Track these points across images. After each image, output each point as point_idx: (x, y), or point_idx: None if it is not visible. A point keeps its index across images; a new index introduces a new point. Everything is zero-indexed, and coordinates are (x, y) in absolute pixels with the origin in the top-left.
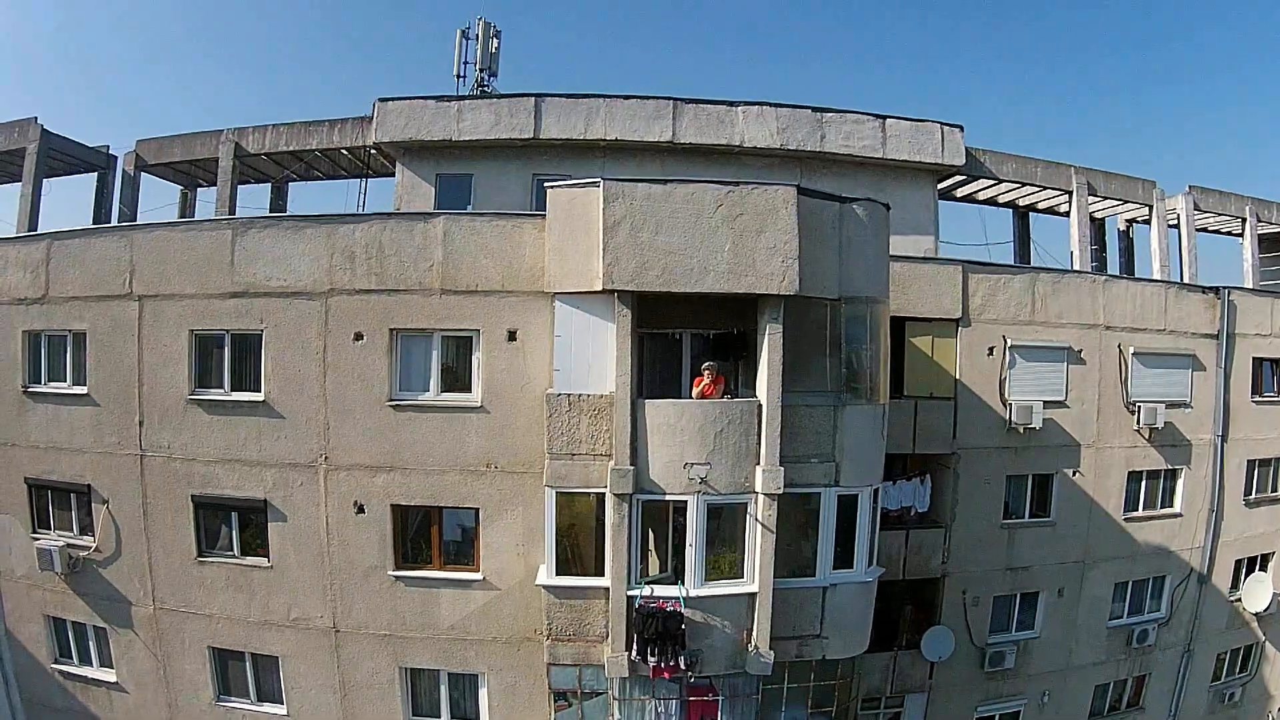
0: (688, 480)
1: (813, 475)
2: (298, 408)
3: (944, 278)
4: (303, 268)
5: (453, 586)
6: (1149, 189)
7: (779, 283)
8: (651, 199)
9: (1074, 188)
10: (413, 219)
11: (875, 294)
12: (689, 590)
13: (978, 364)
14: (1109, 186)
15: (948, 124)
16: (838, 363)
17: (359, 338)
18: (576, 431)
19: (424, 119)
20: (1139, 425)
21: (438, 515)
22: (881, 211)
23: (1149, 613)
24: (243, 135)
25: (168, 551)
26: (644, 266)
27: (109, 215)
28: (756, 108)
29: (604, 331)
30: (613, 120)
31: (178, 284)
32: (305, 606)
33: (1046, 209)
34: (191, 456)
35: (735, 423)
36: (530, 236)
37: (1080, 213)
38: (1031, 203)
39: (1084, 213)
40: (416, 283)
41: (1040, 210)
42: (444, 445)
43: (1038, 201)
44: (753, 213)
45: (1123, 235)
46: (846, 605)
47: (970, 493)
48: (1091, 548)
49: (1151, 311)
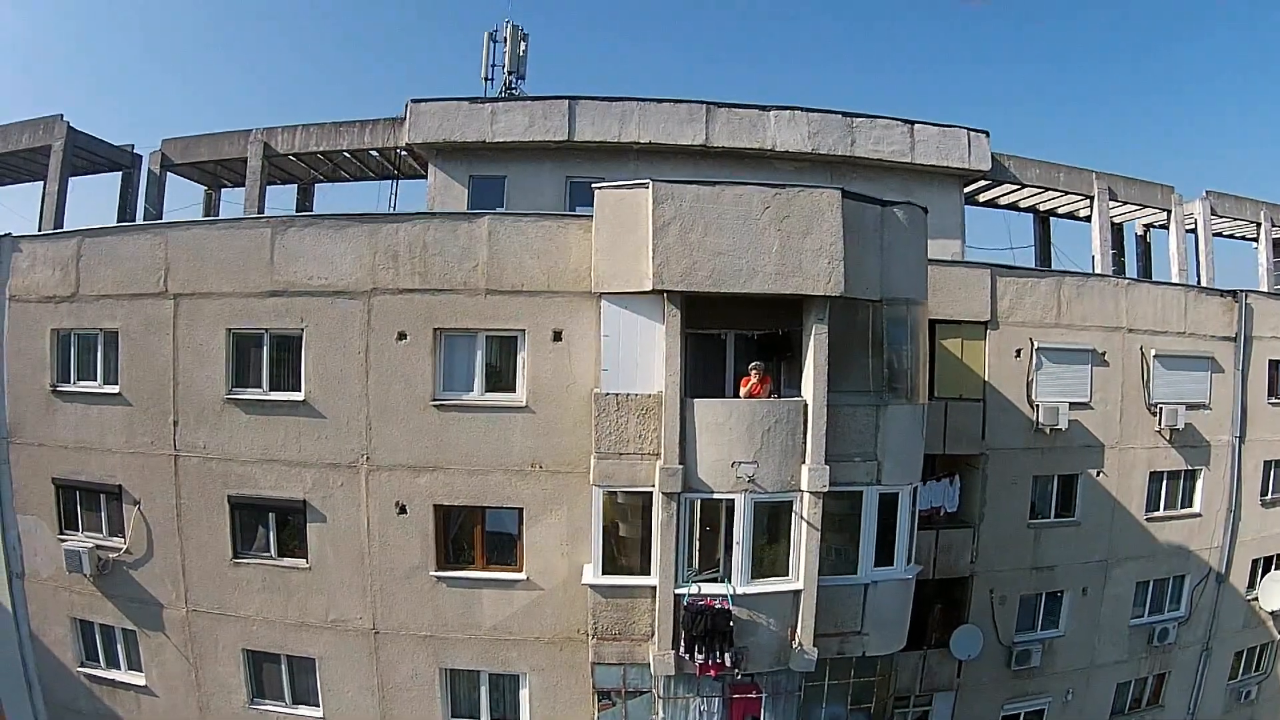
0: (735, 479)
1: (855, 474)
2: (339, 408)
3: (973, 281)
4: (345, 267)
5: (495, 587)
6: (1167, 194)
7: (825, 284)
8: (700, 200)
9: (1095, 192)
10: (457, 219)
11: (915, 295)
12: (736, 588)
13: (1005, 366)
14: (1129, 191)
15: (974, 129)
16: (879, 363)
17: (402, 337)
18: (624, 431)
19: (457, 120)
20: (1160, 426)
21: (481, 515)
22: (920, 215)
23: (1169, 611)
24: (272, 135)
25: (202, 553)
26: (693, 267)
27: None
28: (788, 112)
29: (652, 331)
30: (646, 123)
31: (215, 282)
32: (344, 608)
33: (1067, 214)
34: (228, 456)
35: (782, 422)
36: (575, 237)
37: (1102, 217)
38: (1052, 208)
39: (1105, 217)
40: (461, 282)
41: (1060, 215)
42: (488, 445)
43: (1058, 206)
44: (799, 215)
45: (1139, 240)
46: (886, 602)
47: (998, 493)
48: (1115, 547)
49: (1172, 315)
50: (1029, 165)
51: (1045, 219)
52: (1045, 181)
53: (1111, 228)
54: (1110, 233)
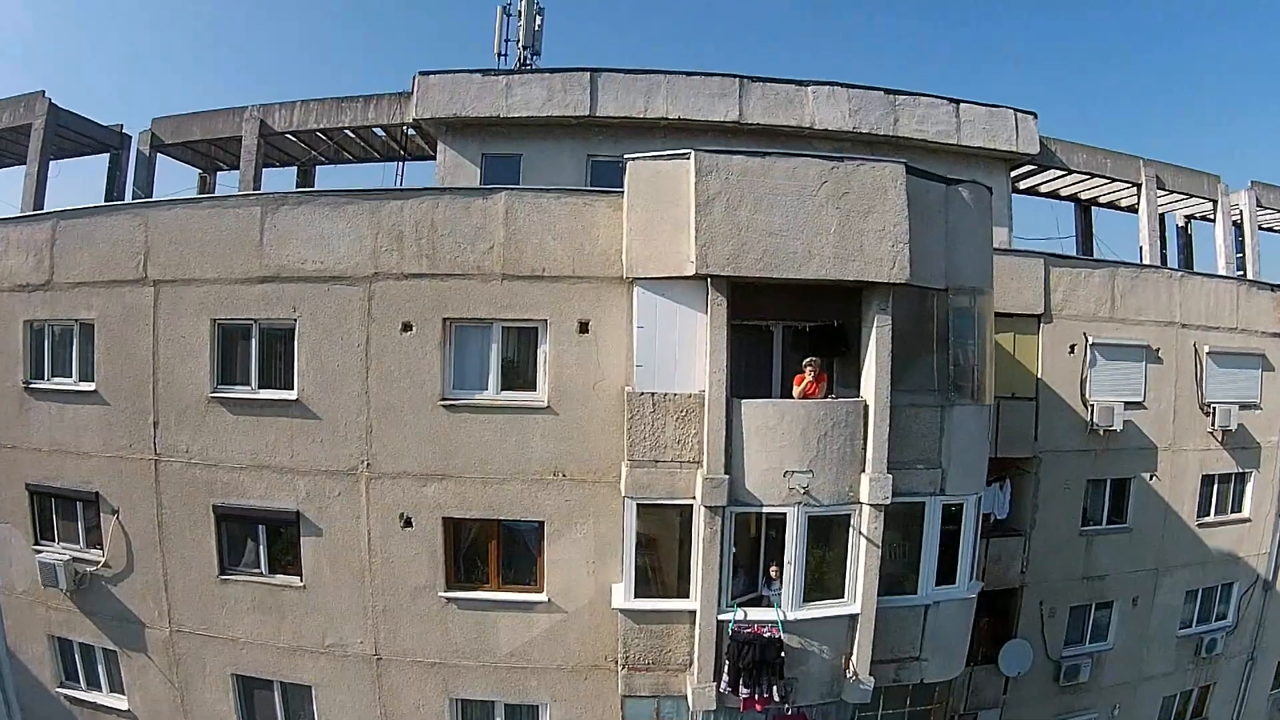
0: (788, 490)
1: (918, 483)
2: (336, 408)
3: (1025, 271)
4: (343, 249)
5: (513, 609)
6: (1213, 183)
7: (889, 269)
8: (749, 174)
9: (1143, 180)
10: (470, 195)
11: (980, 284)
12: (787, 613)
13: (1059, 362)
14: (1175, 180)
15: (1021, 110)
16: (944, 359)
17: (407, 328)
18: (661, 435)
19: (469, 94)
20: (1213, 427)
21: (496, 529)
22: (985, 195)
23: (1216, 621)
24: (268, 112)
25: (186, 568)
26: (742, 249)
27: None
28: (827, 88)
29: (693, 322)
30: (674, 98)
31: (198, 267)
32: (343, 631)
33: (1108, 203)
34: (213, 462)
35: (840, 425)
36: (604, 216)
37: (1149, 206)
38: (1093, 197)
39: (1153, 206)
40: (474, 266)
41: (1101, 205)
42: (504, 450)
43: (1099, 195)
44: (859, 191)
45: (1181, 231)
46: (947, 624)
47: (1050, 498)
48: (1166, 555)
49: (1224, 310)
50: (1076, 150)
51: (1087, 208)
52: (1092, 168)
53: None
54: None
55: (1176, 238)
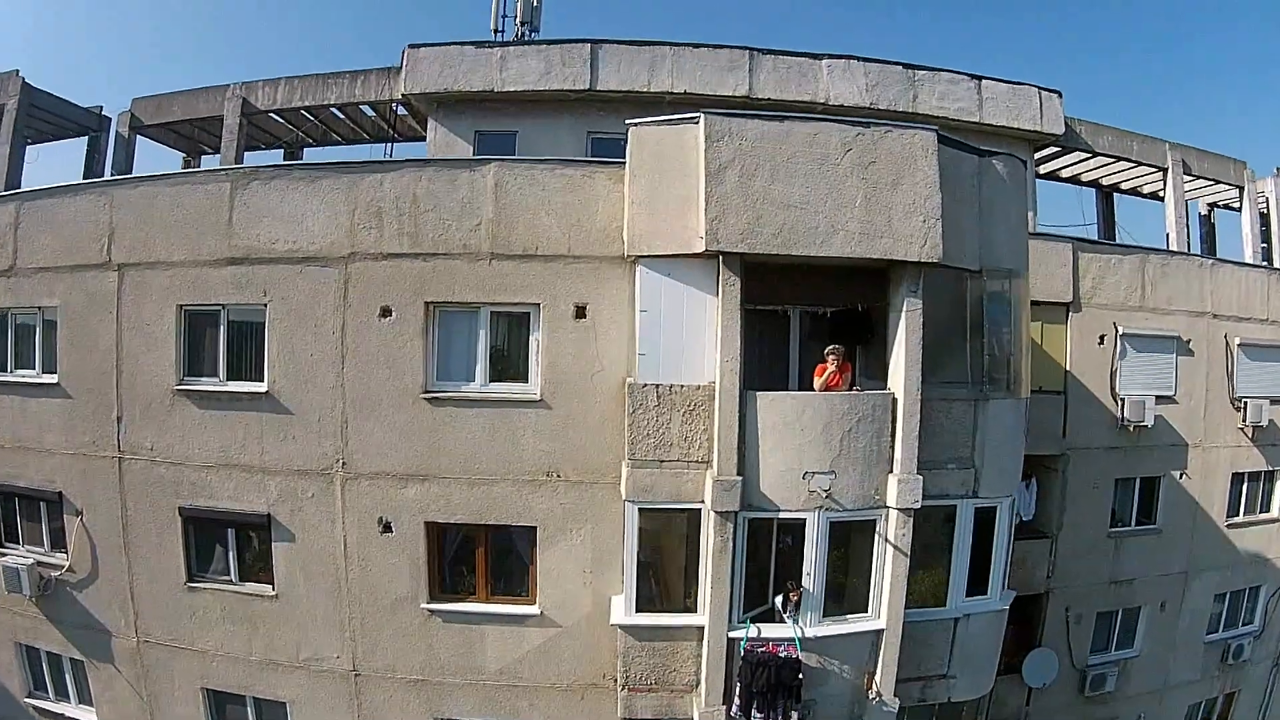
0: (807, 493)
1: (949, 484)
2: (309, 401)
3: (1053, 256)
4: (317, 227)
5: (502, 622)
6: (1240, 169)
7: (920, 247)
8: (765, 140)
9: (1169, 164)
10: (456, 166)
11: (1016, 266)
12: (805, 629)
13: (1088, 354)
14: (1201, 165)
15: (1046, 88)
16: (978, 348)
17: (386, 314)
18: (666, 432)
19: (461, 67)
20: (1244, 423)
21: (483, 535)
22: (1020, 169)
23: (1243, 625)
24: (251, 90)
25: (152, 575)
26: (757, 223)
27: None
28: (843, 61)
29: (702, 306)
30: (680, 71)
31: (164, 249)
32: (318, 644)
33: (1130, 190)
34: (179, 460)
35: (866, 420)
36: (604, 189)
37: (1176, 191)
38: (1116, 182)
39: (1180, 192)
40: (460, 245)
41: (1123, 191)
42: (492, 449)
43: (1122, 181)
44: (887, 160)
45: (1204, 220)
46: (978, 638)
47: (1078, 498)
48: (1195, 557)
49: (1255, 300)
50: (1102, 132)
51: (1109, 195)
52: (1118, 150)
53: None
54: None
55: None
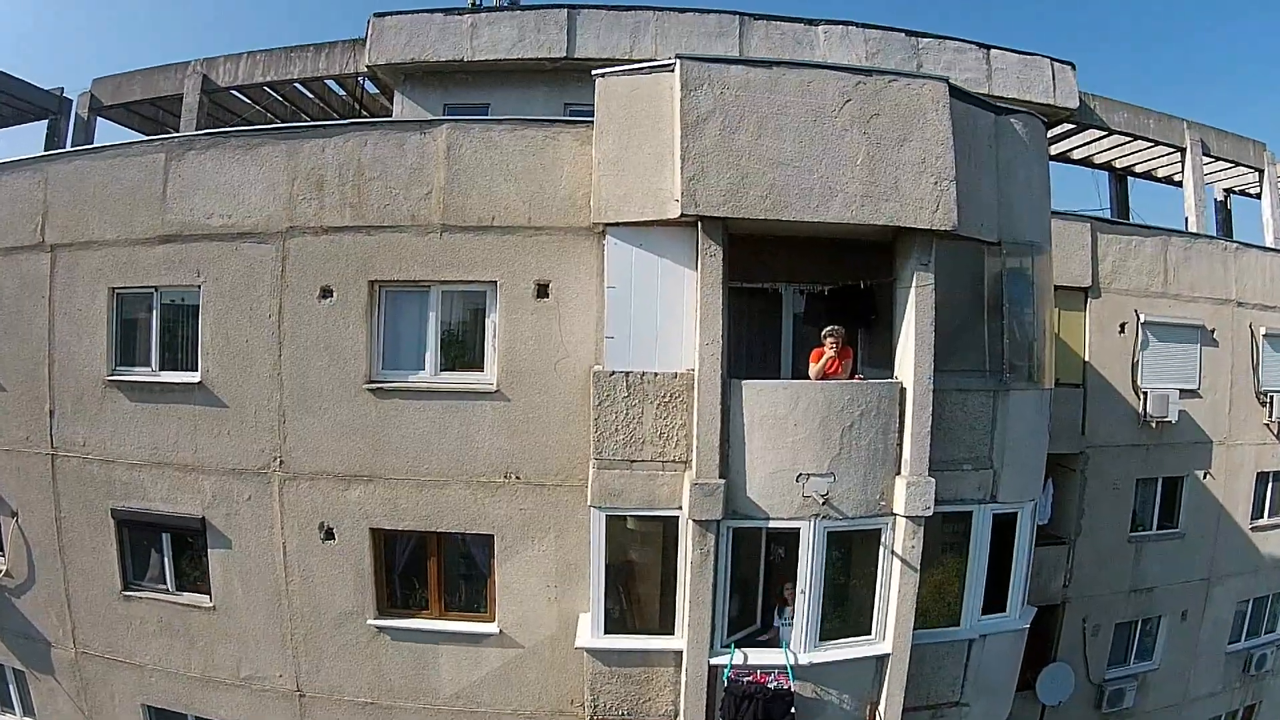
0: (802, 499)
1: (964, 487)
2: (244, 393)
3: (1070, 236)
4: (254, 199)
5: (457, 641)
6: (1260, 151)
7: (931, 212)
8: (751, 88)
9: (1187, 144)
10: (404, 129)
11: (1039, 239)
12: (799, 655)
13: (1108, 344)
14: (1221, 146)
15: (1058, 60)
16: (996, 331)
17: (326, 294)
18: (638, 427)
19: (429, 36)
20: (1271, 418)
21: (436, 544)
22: (1040, 129)
23: (1265, 634)
24: (212, 66)
25: (87, 581)
26: (742, 183)
27: None
28: (840, 27)
29: (680, 281)
30: (665, 37)
31: (98, 228)
32: (259, 661)
33: (1144, 173)
34: (111, 458)
35: (871, 414)
36: (570, 151)
37: (1195, 173)
38: (1130, 164)
39: (1199, 173)
40: (408, 216)
41: (1137, 174)
42: (444, 446)
43: (1137, 164)
44: (892, 113)
45: (1220, 206)
46: (995, 660)
47: (1097, 500)
48: (1218, 562)
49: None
50: (1117, 108)
51: (1122, 177)
52: (1134, 128)
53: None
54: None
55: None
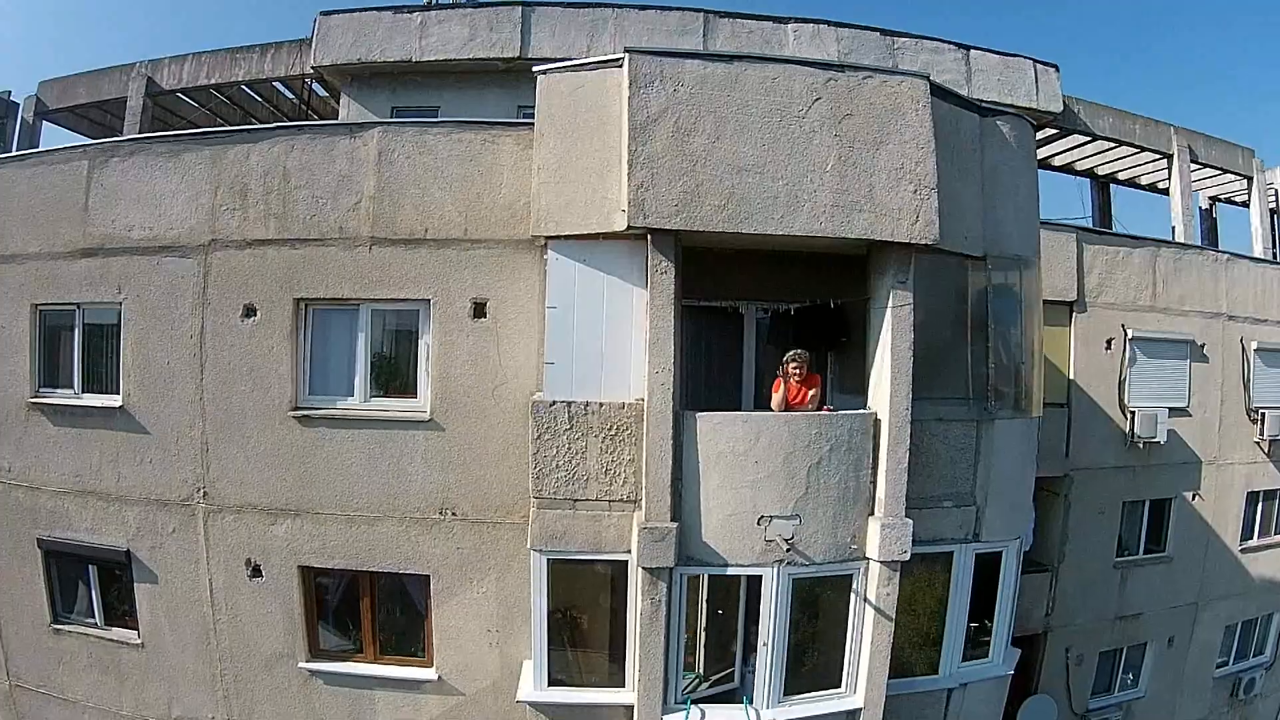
0: (765, 543)
1: (944, 526)
2: (165, 418)
3: (1055, 247)
4: (176, 210)
5: (394, 688)
6: (1248, 158)
7: (910, 224)
8: (708, 85)
9: (1174, 150)
10: (334, 132)
11: (1026, 252)
12: (761, 712)
13: (1094, 360)
14: (1209, 152)
15: (1041, 61)
16: (981, 354)
17: (250, 313)
18: (582, 463)
19: (377, 35)
20: (1261, 436)
21: (369, 584)
22: (1028, 132)
23: (1254, 657)
24: (157, 69)
25: (18, 612)
26: (697, 191)
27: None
28: (811, 26)
29: (628, 301)
30: (624, 35)
31: (20, 240)
32: (189, 702)
33: (1128, 180)
34: (36, 484)
35: (840, 449)
36: (510, 156)
37: (1183, 180)
38: (1114, 171)
39: (1187, 180)
40: (335, 228)
41: (1120, 181)
42: (375, 479)
43: (1120, 170)
44: (867, 114)
45: (1205, 215)
46: (976, 710)
47: (1082, 525)
48: (1206, 586)
49: (1273, 300)
50: (1102, 113)
51: (1105, 185)
52: (1119, 134)
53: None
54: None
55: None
